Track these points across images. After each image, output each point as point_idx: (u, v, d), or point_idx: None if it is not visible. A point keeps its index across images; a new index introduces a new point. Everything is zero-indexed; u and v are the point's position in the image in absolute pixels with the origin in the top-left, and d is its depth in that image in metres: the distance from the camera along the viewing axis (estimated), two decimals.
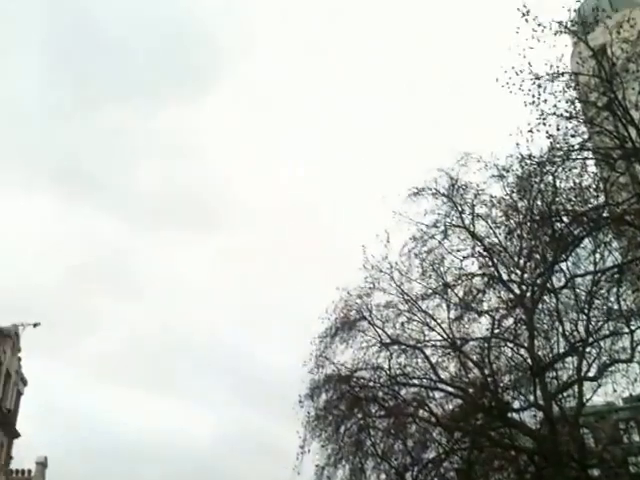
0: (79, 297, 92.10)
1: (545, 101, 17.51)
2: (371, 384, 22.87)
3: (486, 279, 21.36)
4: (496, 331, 21.09)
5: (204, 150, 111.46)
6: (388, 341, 22.67)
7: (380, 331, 22.76)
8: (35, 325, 42.38)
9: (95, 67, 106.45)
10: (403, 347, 22.51)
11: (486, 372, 21.01)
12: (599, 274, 19.83)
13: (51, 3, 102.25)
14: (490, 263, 21.28)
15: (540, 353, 20.56)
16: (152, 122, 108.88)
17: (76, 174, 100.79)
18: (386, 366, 22.47)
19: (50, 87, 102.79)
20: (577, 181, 18.81)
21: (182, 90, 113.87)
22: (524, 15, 17.56)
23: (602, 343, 20.50)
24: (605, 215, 18.45)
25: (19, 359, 44.65)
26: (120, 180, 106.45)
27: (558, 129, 17.60)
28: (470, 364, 21.77)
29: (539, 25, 17.44)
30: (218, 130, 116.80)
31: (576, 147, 17.85)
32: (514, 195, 20.45)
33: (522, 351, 21.03)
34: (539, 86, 17.51)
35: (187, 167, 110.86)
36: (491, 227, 21.24)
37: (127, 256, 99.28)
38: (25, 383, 46.43)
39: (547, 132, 17.64)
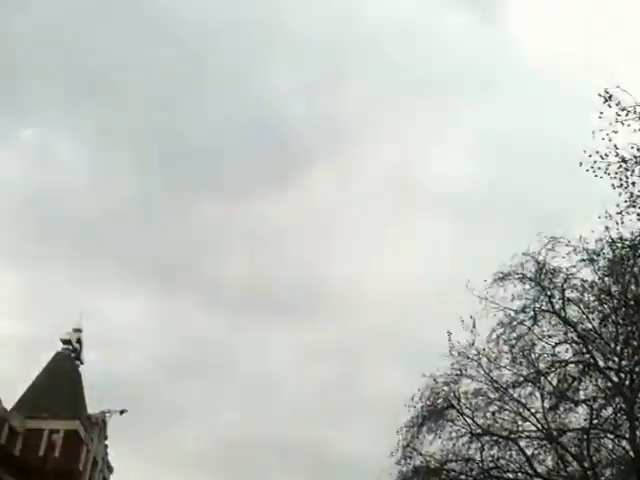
0: (166, 386, 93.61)
1: (633, 184, 17.28)
2: (462, 477, 22.09)
3: (581, 366, 20.59)
4: (595, 421, 20.14)
5: (294, 241, 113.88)
6: (479, 431, 21.97)
7: (470, 421, 22.15)
8: (122, 412, 43.41)
9: (187, 165, 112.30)
10: (495, 438, 21.72)
11: (586, 465, 19.96)
12: None
13: (147, 111, 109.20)
14: (585, 350, 20.55)
15: None
16: (240, 214, 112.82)
17: (169, 267, 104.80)
18: (478, 458, 21.70)
19: (145, 188, 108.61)
20: None
21: (271, 183, 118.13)
22: (606, 100, 17.68)
23: None
24: None
25: (106, 446, 45.50)
26: (208, 271, 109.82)
27: None
28: (568, 457, 20.74)
29: (623, 110, 17.50)
30: (307, 221, 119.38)
31: None
32: (606, 279, 19.96)
33: (624, 443, 19.91)
34: (626, 169, 17.37)
35: (275, 258, 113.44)
36: (584, 312, 20.64)
37: (214, 346, 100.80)
38: (111, 471, 47.11)
39: (638, 214, 17.34)
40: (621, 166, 17.38)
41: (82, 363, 50.06)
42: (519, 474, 21.43)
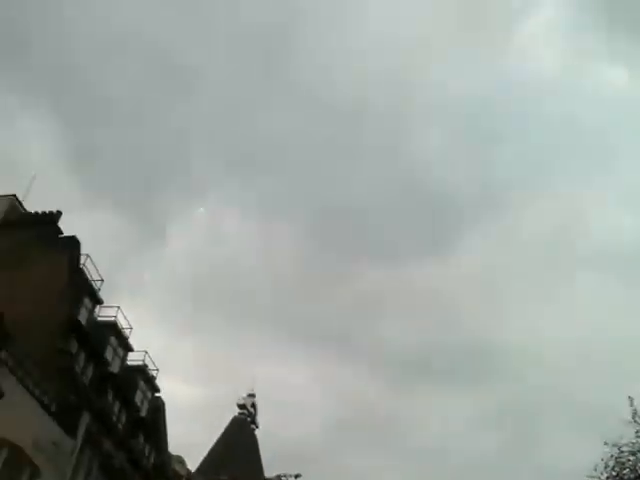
0: (336, 452, 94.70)
1: None
2: None
3: None
4: None
5: (459, 305, 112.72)
6: None
7: None
8: (297, 477, 44.82)
9: (345, 233, 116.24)
10: None
11: None
12: None
13: (306, 183, 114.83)
14: None
15: None
16: (400, 279, 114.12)
17: (334, 333, 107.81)
18: None
19: (307, 257, 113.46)
20: None
21: (425, 246, 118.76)
22: None
23: None
24: None
25: None
26: (370, 336, 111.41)
27: None
28: None
29: None
30: (468, 284, 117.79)
31: None
32: None
33: None
34: None
35: (440, 322, 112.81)
36: None
37: (382, 411, 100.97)
38: None
39: None
40: None
41: (257, 427, 52.50)
42: None
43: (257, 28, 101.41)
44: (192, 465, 45.70)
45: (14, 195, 30.86)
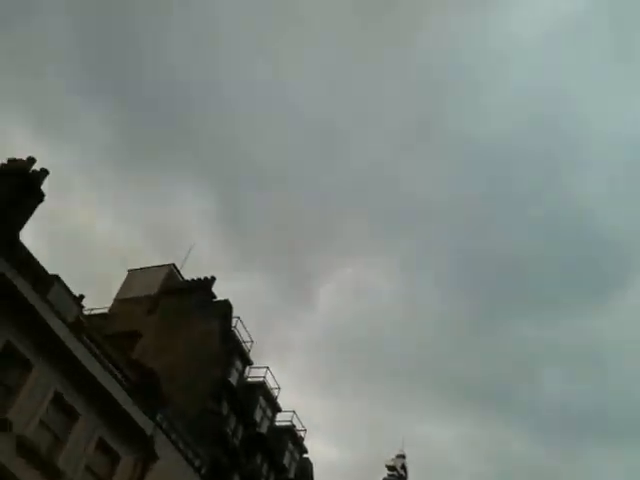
0: None
1: None
2: None
3: None
4: None
5: (621, 354, 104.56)
6: None
7: None
8: None
9: (492, 284, 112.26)
10: None
11: None
12: None
13: (449, 236, 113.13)
14: None
15: None
16: (553, 330, 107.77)
17: (484, 389, 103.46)
18: None
19: (454, 312, 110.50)
20: None
21: (583, 297, 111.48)
22: None
23: None
24: None
25: None
26: (528, 392, 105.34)
27: None
28: None
29: None
30: (623, 337, 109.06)
31: None
32: None
33: None
34: None
35: (603, 373, 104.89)
36: None
37: (541, 475, 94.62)
38: None
39: None
40: None
41: None
42: None
43: (408, 87, 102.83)
44: None
45: (173, 264, 33.32)
